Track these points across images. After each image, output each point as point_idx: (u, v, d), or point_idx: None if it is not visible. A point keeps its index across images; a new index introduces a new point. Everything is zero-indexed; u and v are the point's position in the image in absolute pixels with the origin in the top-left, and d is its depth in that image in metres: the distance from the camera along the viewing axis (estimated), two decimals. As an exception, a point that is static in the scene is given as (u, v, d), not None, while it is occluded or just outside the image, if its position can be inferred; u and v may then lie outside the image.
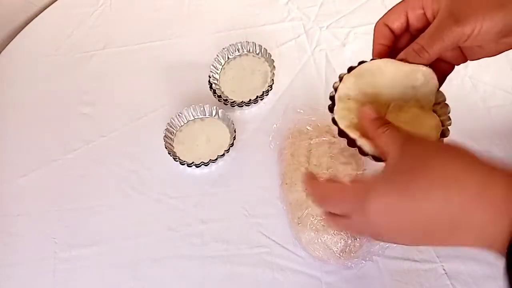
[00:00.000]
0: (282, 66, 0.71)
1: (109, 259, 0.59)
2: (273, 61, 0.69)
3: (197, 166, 0.63)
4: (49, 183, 0.66)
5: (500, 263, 0.29)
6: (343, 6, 0.79)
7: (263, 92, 0.68)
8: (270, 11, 0.79)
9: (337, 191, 0.35)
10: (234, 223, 0.60)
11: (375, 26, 0.42)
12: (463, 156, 0.30)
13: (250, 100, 0.67)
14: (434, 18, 0.38)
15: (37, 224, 0.63)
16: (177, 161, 0.63)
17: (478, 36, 0.36)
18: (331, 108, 0.41)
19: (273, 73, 0.69)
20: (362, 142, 0.38)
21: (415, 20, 0.40)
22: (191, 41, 0.78)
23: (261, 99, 0.69)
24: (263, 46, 0.70)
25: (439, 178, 0.29)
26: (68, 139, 0.69)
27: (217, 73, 0.71)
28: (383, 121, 0.36)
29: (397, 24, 0.41)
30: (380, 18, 0.42)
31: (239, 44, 0.71)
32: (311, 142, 0.61)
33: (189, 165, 0.63)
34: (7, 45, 0.81)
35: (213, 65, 0.70)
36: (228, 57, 0.72)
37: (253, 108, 0.69)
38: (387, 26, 0.41)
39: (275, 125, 0.64)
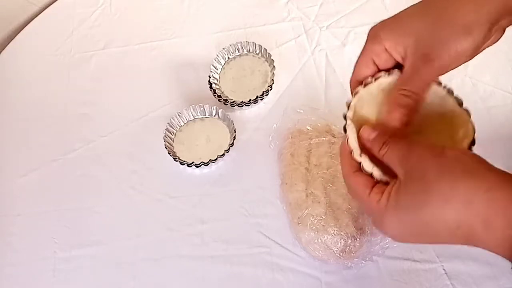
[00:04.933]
0: (282, 66, 0.71)
1: (109, 259, 0.59)
2: (273, 61, 0.69)
3: (197, 166, 0.63)
4: (49, 183, 0.66)
5: (500, 263, 0.29)
6: (343, 6, 0.79)
7: (263, 92, 0.68)
8: (270, 11, 0.79)
9: (359, 197, 0.37)
10: (234, 223, 0.60)
11: (350, 84, 0.41)
12: (464, 170, 0.31)
13: (250, 100, 0.67)
14: (402, 59, 0.37)
15: (37, 224, 0.63)
16: (177, 161, 0.63)
17: (453, 64, 0.36)
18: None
19: (273, 73, 0.69)
20: (362, 159, 0.37)
21: (383, 64, 0.39)
22: (191, 41, 0.78)
23: (261, 99, 0.69)
24: (263, 46, 0.70)
25: (444, 201, 0.30)
26: (68, 139, 0.69)
27: (217, 73, 0.71)
28: (382, 140, 0.36)
29: (369, 74, 0.40)
30: (352, 76, 0.41)
31: (239, 44, 0.71)
32: (311, 142, 0.61)
33: (189, 165, 0.63)
34: (7, 45, 0.81)
35: (213, 65, 0.70)
36: (228, 57, 0.72)
37: (253, 108, 0.69)
38: (361, 81, 0.40)
39: (275, 125, 0.64)
